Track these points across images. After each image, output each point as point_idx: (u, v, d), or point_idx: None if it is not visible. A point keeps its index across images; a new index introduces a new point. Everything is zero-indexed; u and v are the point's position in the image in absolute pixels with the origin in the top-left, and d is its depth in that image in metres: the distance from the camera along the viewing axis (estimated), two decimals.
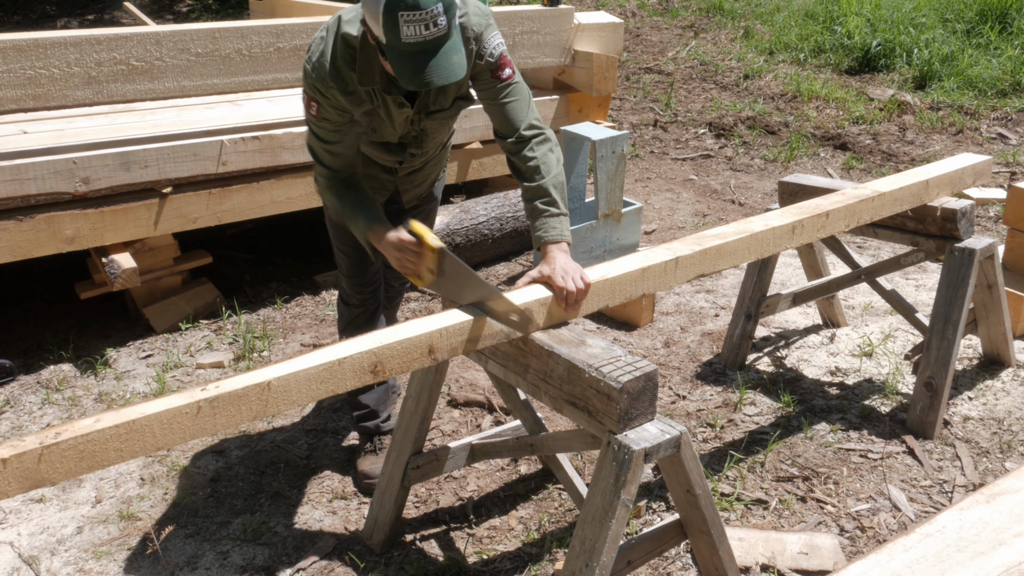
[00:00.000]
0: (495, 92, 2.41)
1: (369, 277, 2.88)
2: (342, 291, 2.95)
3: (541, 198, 2.36)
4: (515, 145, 2.41)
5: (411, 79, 2.07)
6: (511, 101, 2.41)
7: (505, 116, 2.42)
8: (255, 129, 3.98)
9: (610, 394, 1.94)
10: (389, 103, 2.38)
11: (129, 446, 1.63)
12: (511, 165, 2.47)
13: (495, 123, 2.46)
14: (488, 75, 2.39)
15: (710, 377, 3.63)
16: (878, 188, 2.96)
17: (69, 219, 3.58)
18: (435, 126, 2.57)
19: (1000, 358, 3.63)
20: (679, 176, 6.23)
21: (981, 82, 7.56)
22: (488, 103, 2.44)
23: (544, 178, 2.37)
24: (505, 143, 2.44)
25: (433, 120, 2.52)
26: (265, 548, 2.69)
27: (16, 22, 10.92)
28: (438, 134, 2.64)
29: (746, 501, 2.87)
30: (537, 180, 2.37)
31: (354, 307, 2.91)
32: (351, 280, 2.88)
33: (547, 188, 2.36)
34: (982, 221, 5.23)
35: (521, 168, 2.41)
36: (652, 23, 10.20)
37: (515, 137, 2.41)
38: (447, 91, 2.45)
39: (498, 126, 2.45)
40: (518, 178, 2.45)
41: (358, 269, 2.85)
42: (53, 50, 3.65)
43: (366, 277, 2.87)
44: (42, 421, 3.34)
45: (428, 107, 2.47)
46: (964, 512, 2.14)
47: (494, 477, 3.01)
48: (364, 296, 2.89)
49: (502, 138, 2.45)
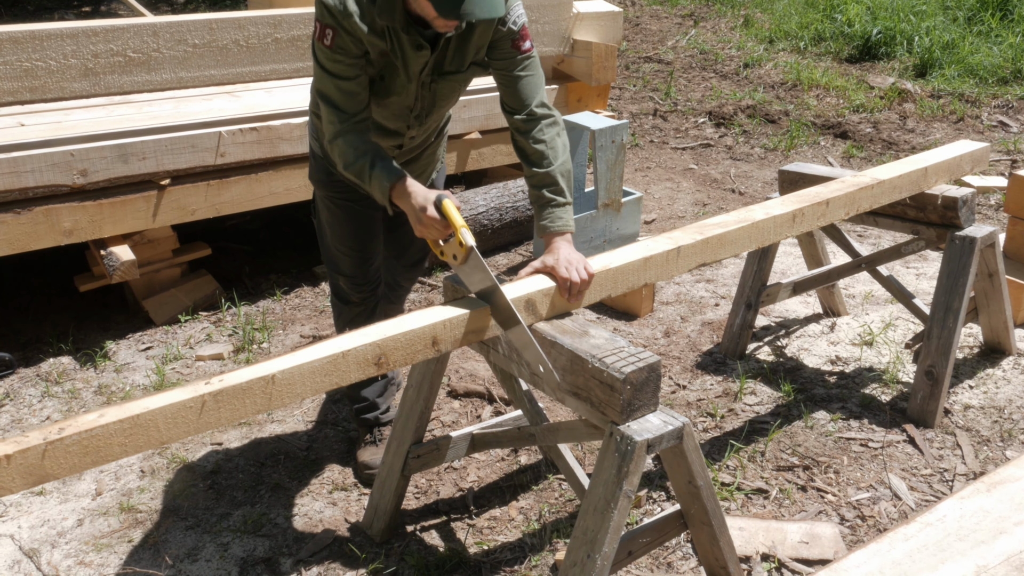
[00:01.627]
0: (513, 63, 2.34)
1: (370, 276, 2.83)
2: (339, 289, 2.89)
3: (548, 186, 2.33)
4: (525, 123, 2.36)
5: (451, 10, 1.99)
6: (527, 76, 2.35)
7: (518, 90, 2.35)
8: (253, 120, 3.97)
9: (613, 385, 1.94)
10: (406, 45, 2.26)
11: (133, 441, 1.63)
12: (517, 146, 2.41)
13: (506, 97, 2.39)
14: (509, 44, 2.32)
15: (710, 367, 3.62)
16: (877, 176, 2.95)
17: (67, 211, 3.57)
18: (444, 91, 2.46)
19: (1001, 346, 3.63)
20: (679, 165, 6.21)
21: (982, 70, 7.54)
22: (503, 74, 2.36)
23: (552, 165, 2.34)
24: (514, 119, 2.38)
25: (444, 83, 2.42)
26: (265, 539, 2.69)
27: (13, 14, 10.87)
28: (443, 105, 2.53)
29: (746, 491, 2.87)
30: (545, 167, 2.33)
31: (354, 305, 2.87)
32: (352, 280, 2.82)
33: (555, 176, 2.33)
34: (983, 209, 5.22)
35: (528, 151, 2.36)
36: (651, 12, 10.16)
37: (525, 113, 2.35)
38: (465, 52, 2.36)
39: (509, 100, 2.38)
40: (524, 161, 2.39)
41: (359, 268, 2.80)
42: (50, 42, 3.63)
43: (367, 276, 2.83)
44: (42, 414, 3.34)
45: (443, 66, 2.37)
46: (965, 501, 2.15)
47: (494, 467, 3.01)
48: (364, 294, 2.85)
49: (512, 113, 2.38)
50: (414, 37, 2.24)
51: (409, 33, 2.23)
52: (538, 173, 2.34)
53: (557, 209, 2.33)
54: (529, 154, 2.36)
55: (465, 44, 2.34)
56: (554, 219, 2.32)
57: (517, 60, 2.34)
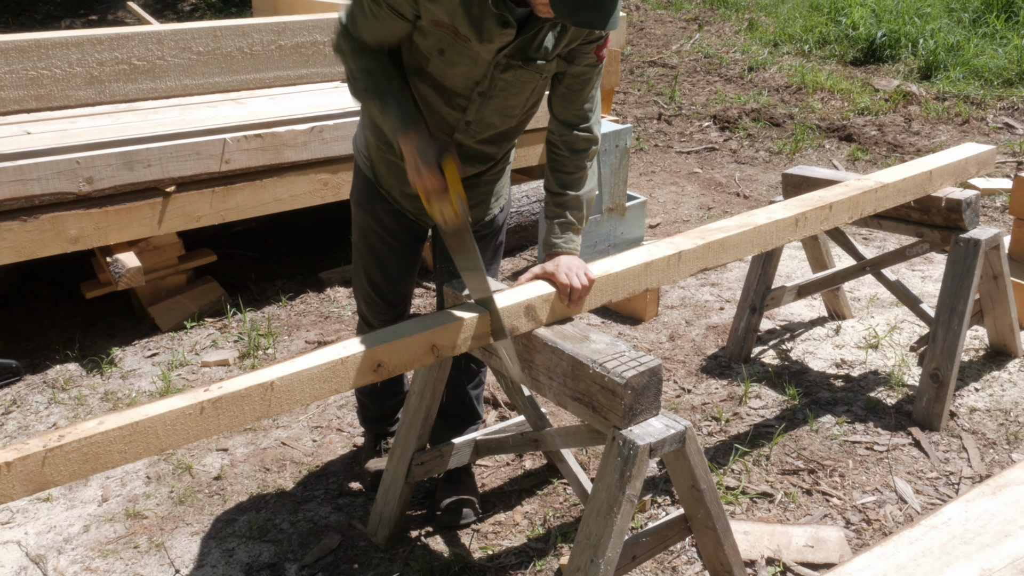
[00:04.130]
0: (589, 71, 2.19)
1: (393, 304, 2.68)
2: (360, 311, 2.76)
3: (573, 210, 2.31)
4: (579, 141, 2.25)
5: (570, 11, 1.82)
6: (594, 88, 2.24)
7: (583, 102, 2.23)
8: (258, 127, 3.98)
9: (614, 389, 1.94)
10: (489, 19, 2.00)
11: (133, 448, 1.63)
12: (556, 158, 2.29)
13: (566, 105, 2.24)
14: (594, 48, 2.16)
15: (715, 370, 3.62)
16: (881, 179, 2.95)
17: (73, 219, 3.59)
18: (517, 81, 2.18)
19: (1006, 349, 3.62)
20: (683, 169, 6.21)
21: (987, 72, 7.52)
22: (574, 79, 2.20)
23: (581, 189, 2.30)
24: (572, 133, 2.25)
25: (521, 71, 2.15)
26: (270, 545, 2.70)
27: (20, 23, 10.94)
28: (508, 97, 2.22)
29: (751, 494, 2.87)
30: (576, 190, 2.30)
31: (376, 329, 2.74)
32: (371, 307, 2.68)
33: (582, 201, 2.31)
34: (988, 211, 5.20)
35: (568, 168, 2.28)
36: (656, 16, 10.17)
37: (583, 129, 2.25)
38: (558, 41, 2.13)
39: (569, 110, 2.24)
40: (556, 176, 2.29)
41: (381, 298, 2.64)
42: (55, 50, 3.66)
43: (390, 304, 2.67)
44: (48, 421, 3.35)
45: (527, 51, 2.11)
46: (970, 504, 2.14)
47: (499, 473, 3.01)
48: (385, 322, 2.67)
49: (568, 126, 2.24)
50: (502, 11, 1.99)
51: (497, 6, 1.99)
52: (568, 195, 2.29)
53: (573, 233, 2.31)
54: (567, 173, 2.29)
55: (563, 33, 2.12)
56: (568, 240, 2.30)
57: (592, 70, 2.20)
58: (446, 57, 2.11)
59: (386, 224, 2.51)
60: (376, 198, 2.49)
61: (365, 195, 2.51)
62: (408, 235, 2.54)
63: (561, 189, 2.30)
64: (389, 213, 2.49)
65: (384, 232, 2.53)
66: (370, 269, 2.60)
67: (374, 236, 2.54)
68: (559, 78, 2.23)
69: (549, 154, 2.32)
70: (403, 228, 2.52)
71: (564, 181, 2.29)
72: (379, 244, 2.55)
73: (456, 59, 2.11)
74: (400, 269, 2.62)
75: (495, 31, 2.02)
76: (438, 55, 2.11)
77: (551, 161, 2.32)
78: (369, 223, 2.53)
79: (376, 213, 2.51)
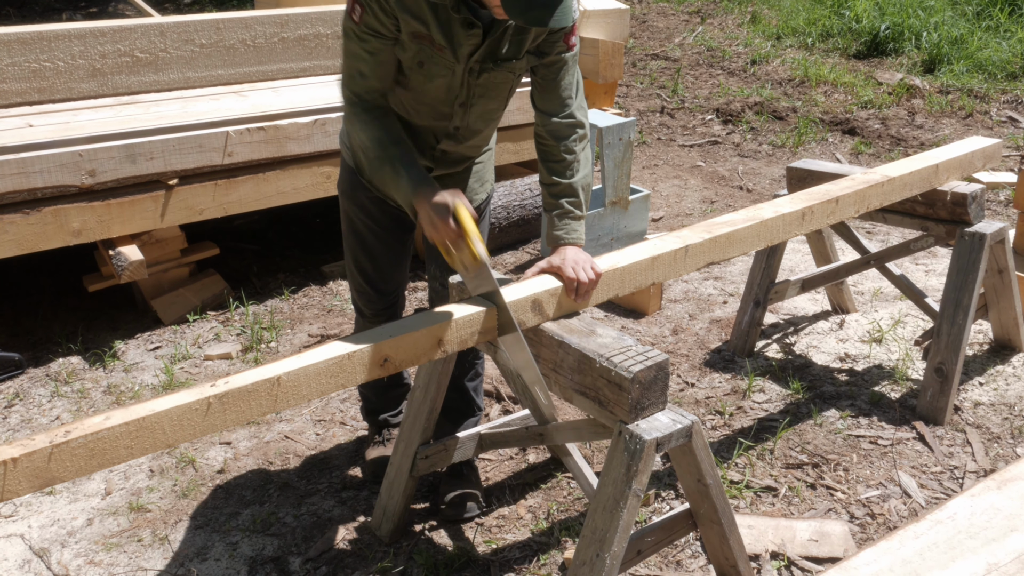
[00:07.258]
0: (559, 60, 2.20)
1: (385, 293, 2.71)
2: (354, 300, 2.79)
3: (569, 198, 2.29)
4: (561, 128, 2.25)
5: (521, 12, 1.84)
6: (570, 75, 2.23)
7: (561, 90, 2.23)
8: (261, 120, 3.97)
9: (621, 384, 1.93)
10: (455, 24, 2.06)
11: (139, 443, 1.63)
12: (544, 149, 2.30)
13: (544, 95, 2.25)
14: (561, 37, 2.17)
15: (719, 364, 3.61)
16: (888, 173, 2.94)
17: (76, 212, 3.58)
18: (493, 84, 2.24)
19: (1011, 343, 3.61)
20: (686, 163, 6.20)
21: (991, 65, 7.50)
22: (547, 69, 2.22)
23: (575, 177, 2.28)
24: (551, 121, 2.25)
25: (495, 73, 2.20)
26: (274, 539, 2.69)
27: (22, 15, 10.91)
28: (487, 101, 2.30)
29: (755, 488, 2.87)
30: (569, 178, 2.28)
31: (368, 319, 2.76)
32: (363, 296, 2.71)
33: (577, 189, 2.29)
34: (992, 205, 5.19)
35: (557, 158, 2.27)
36: (658, 9, 10.14)
37: (563, 117, 2.24)
38: (523, 39, 2.16)
39: (547, 100, 2.25)
40: (548, 167, 2.29)
41: (372, 286, 2.67)
42: (57, 43, 3.64)
43: (381, 292, 2.70)
44: (51, 414, 3.35)
45: (496, 52, 2.15)
46: (975, 498, 2.13)
47: (502, 466, 3.01)
48: (377, 310, 2.74)
49: (548, 115, 2.25)
50: (465, 15, 2.05)
51: (460, 11, 2.04)
52: (561, 183, 2.28)
53: (573, 222, 2.28)
54: (557, 162, 2.28)
55: (525, 31, 2.16)
56: (569, 231, 2.27)
57: (564, 57, 2.21)
58: (425, 69, 2.16)
59: (371, 212, 2.56)
60: (359, 187, 2.53)
61: (349, 184, 2.56)
62: (393, 222, 2.57)
63: (553, 178, 2.30)
64: (373, 201, 2.53)
65: (370, 220, 2.57)
66: (359, 257, 2.65)
67: (361, 224, 2.59)
68: (535, 71, 2.26)
69: (538, 146, 2.33)
70: (388, 215, 2.55)
71: (555, 170, 2.29)
72: (366, 232, 2.60)
73: (435, 71, 2.16)
74: (388, 257, 2.65)
75: (462, 33, 2.08)
76: (418, 68, 2.16)
77: (540, 153, 2.33)
78: (355, 211, 2.58)
79: (360, 201, 2.55)
